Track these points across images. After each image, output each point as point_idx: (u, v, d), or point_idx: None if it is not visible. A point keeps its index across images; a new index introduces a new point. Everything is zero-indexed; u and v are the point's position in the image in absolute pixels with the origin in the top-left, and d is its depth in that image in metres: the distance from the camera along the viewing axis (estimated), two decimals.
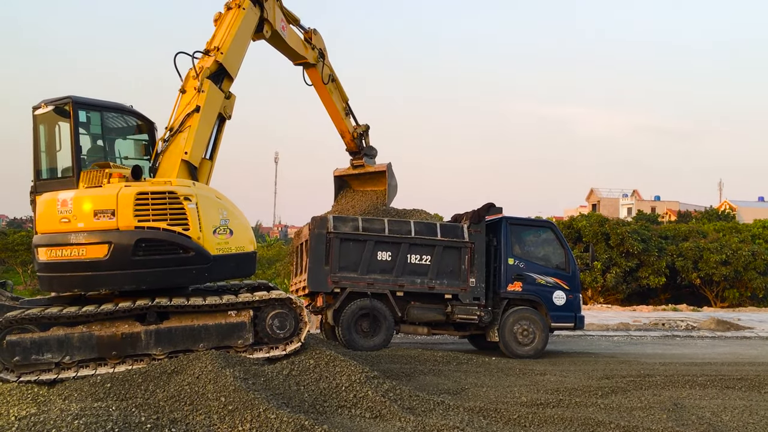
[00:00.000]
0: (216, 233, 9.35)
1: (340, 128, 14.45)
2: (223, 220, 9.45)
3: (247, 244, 9.82)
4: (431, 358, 11.70)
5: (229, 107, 10.77)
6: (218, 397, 7.26)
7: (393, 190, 14.79)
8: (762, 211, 59.57)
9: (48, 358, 8.47)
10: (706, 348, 16.46)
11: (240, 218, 9.83)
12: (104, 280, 8.96)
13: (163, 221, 8.94)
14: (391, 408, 7.68)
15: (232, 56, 10.60)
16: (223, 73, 10.48)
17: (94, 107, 9.88)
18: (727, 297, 33.11)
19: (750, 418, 8.02)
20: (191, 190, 9.26)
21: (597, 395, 9.21)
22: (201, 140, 10.11)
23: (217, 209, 9.48)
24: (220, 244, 9.39)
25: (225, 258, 9.45)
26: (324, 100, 14.00)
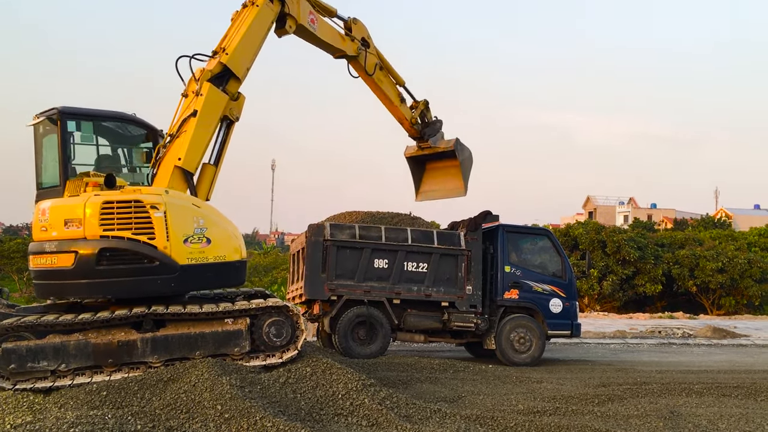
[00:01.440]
0: (188, 242, 9.13)
1: (395, 116, 13.64)
2: (198, 228, 9.22)
3: (229, 253, 9.54)
4: (428, 365, 11.69)
5: (236, 109, 10.46)
6: (215, 405, 7.24)
7: (467, 163, 14.07)
8: (758, 219, 59.72)
9: (44, 366, 8.45)
10: (703, 356, 16.47)
11: (222, 226, 9.58)
12: (71, 289, 9.04)
13: (127, 230, 8.89)
14: (388, 416, 7.67)
15: (239, 56, 10.24)
16: (228, 74, 10.21)
17: (87, 117, 9.92)
18: (723, 305, 33.13)
19: (746, 426, 8.02)
20: (159, 199, 9.06)
21: (594, 403, 9.21)
22: (197, 145, 9.89)
23: (191, 218, 9.24)
24: (192, 254, 9.17)
25: (199, 267, 9.21)
26: (373, 90, 13.21)
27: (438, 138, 13.89)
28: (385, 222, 13.97)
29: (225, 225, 9.68)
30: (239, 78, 10.34)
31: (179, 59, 10.06)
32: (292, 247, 15.33)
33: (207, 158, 10.25)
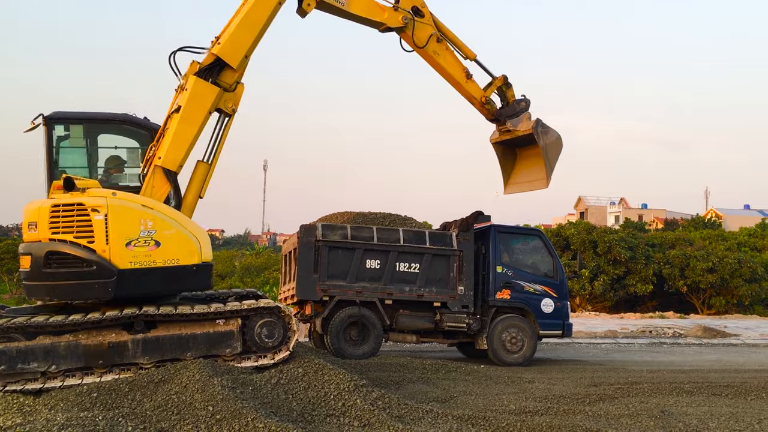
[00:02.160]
0: (131, 245, 8.92)
1: (462, 95, 12.18)
2: (144, 231, 8.97)
3: (184, 257, 9.20)
4: (420, 366, 11.69)
5: (231, 101, 10.04)
6: (206, 407, 7.22)
7: (551, 150, 12.31)
8: (748, 219, 60.04)
9: (34, 368, 8.42)
10: (693, 355, 16.55)
11: (176, 229, 9.21)
12: (29, 291, 9.19)
13: (70, 233, 8.88)
14: (380, 416, 7.67)
15: (232, 45, 9.83)
16: (220, 64, 9.84)
17: (76, 120, 9.93)
18: (713, 304, 33.29)
19: (736, 425, 8.06)
20: (102, 201, 8.91)
21: (585, 403, 9.23)
22: (179, 143, 9.64)
23: (136, 220, 8.98)
24: (136, 257, 8.94)
25: (144, 272, 8.97)
26: (431, 65, 11.95)
27: (519, 120, 12.26)
28: (377, 222, 13.97)
29: (181, 227, 9.29)
30: (234, 67, 9.91)
31: (175, 53, 9.88)
32: (284, 248, 15.31)
33: (202, 155, 10.07)
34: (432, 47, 11.57)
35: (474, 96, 12.17)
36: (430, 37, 11.51)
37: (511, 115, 12.27)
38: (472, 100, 12.24)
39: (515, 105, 12.30)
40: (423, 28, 11.49)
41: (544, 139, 12.14)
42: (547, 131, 12.18)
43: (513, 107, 12.30)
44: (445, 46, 11.77)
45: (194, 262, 9.28)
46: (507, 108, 12.34)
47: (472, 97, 12.20)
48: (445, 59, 11.80)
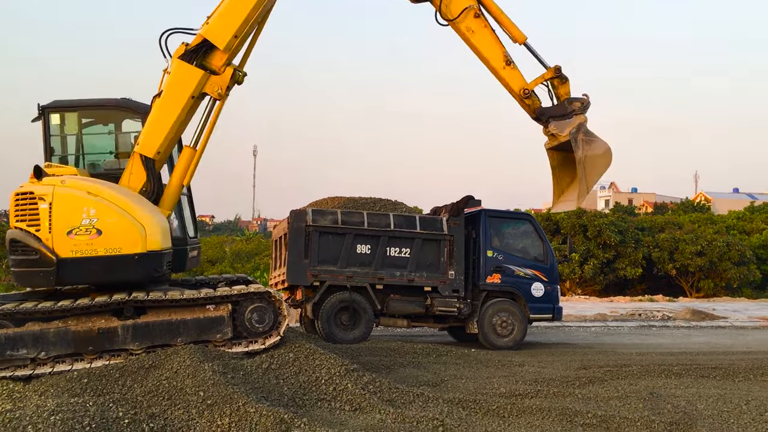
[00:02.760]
0: (72, 234, 8.79)
1: (501, 83, 10.35)
2: (86, 219, 8.78)
3: (126, 246, 8.85)
4: (411, 350, 11.73)
5: (217, 84, 9.40)
6: (197, 392, 7.22)
7: (595, 163, 9.98)
8: (736, 203, 60.38)
9: (23, 354, 8.39)
10: (682, 338, 16.68)
11: (120, 217, 8.87)
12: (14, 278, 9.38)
13: (23, 222, 8.95)
14: (371, 400, 7.70)
15: (220, 24, 9.26)
16: (206, 46, 9.31)
17: (70, 108, 9.92)
18: (702, 287, 33.53)
19: (724, 407, 8.14)
20: (48, 190, 8.86)
21: (574, 385, 9.29)
22: (157, 129, 9.35)
23: (79, 209, 8.81)
24: (78, 246, 8.78)
25: (85, 261, 8.79)
26: (466, 43, 10.31)
27: (566, 123, 10.05)
28: (367, 207, 13.96)
29: (127, 215, 8.93)
30: (221, 48, 9.32)
31: (166, 35, 9.44)
32: (275, 233, 15.28)
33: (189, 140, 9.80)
34: (467, 23, 9.89)
35: (513, 87, 10.20)
36: (465, 11, 9.85)
37: (557, 115, 10.08)
38: (512, 92, 10.27)
39: (566, 104, 10.06)
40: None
41: (585, 149, 9.81)
42: (591, 141, 9.87)
43: (563, 107, 10.07)
44: (484, 24, 10.00)
45: (136, 251, 8.88)
46: (554, 107, 10.17)
47: (510, 87, 10.24)
48: (481, 39, 10.02)
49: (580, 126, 9.98)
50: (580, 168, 9.76)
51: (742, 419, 7.67)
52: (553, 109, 10.21)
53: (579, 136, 9.81)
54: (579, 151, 9.78)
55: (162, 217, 9.27)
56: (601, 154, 9.93)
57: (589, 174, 9.84)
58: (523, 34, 10.14)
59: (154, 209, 9.25)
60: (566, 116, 10.01)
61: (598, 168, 9.94)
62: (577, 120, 9.89)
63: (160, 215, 9.28)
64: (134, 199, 9.13)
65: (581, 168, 9.76)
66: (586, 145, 9.85)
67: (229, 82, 9.57)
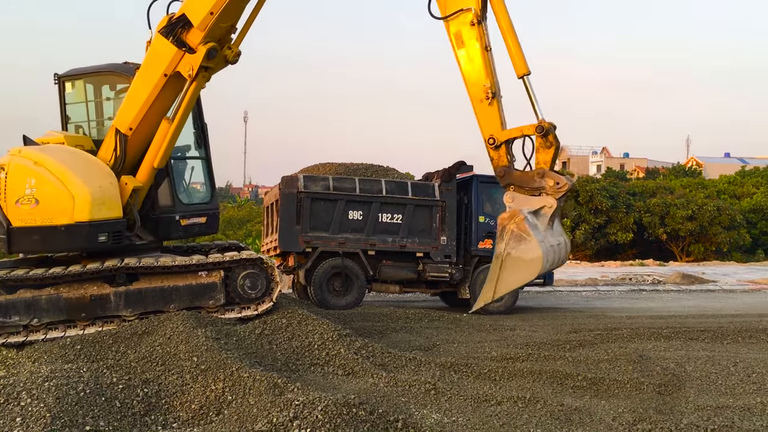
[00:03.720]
0: (19, 203, 8.80)
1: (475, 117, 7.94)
2: (29, 189, 8.75)
3: (56, 216, 8.69)
4: (403, 315, 11.80)
5: (189, 63, 8.65)
6: (190, 357, 7.25)
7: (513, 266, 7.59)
8: (728, 167, 60.50)
9: (15, 321, 8.41)
10: (672, 301, 16.83)
11: (54, 187, 8.71)
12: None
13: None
14: (364, 365, 7.76)
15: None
16: (185, 21, 8.60)
17: (78, 75, 9.96)
18: (692, 252, 33.79)
19: (712, 368, 8.24)
20: (6, 160, 8.98)
21: (565, 349, 9.39)
22: (131, 104, 9.03)
23: (24, 179, 8.79)
24: (22, 216, 8.81)
25: (26, 230, 8.82)
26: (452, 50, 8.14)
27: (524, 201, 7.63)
28: (359, 173, 13.92)
29: (61, 185, 8.72)
30: (195, 25, 8.56)
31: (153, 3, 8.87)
32: (266, 200, 15.25)
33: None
34: (458, 28, 7.69)
35: (482, 128, 7.90)
36: (461, 12, 7.65)
37: (521, 186, 7.57)
38: (481, 133, 7.96)
39: (536, 177, 7.52)
40: None
41: (510, 246, 7.32)
42: (522, 239, 7.24)
43: (531, 178, 7.56)
44: (478, 36, 7.71)
45: (63, 223, 8.71)
46: (522, 174, 7.65)
47: (480, 127, 7.96)
48: (467, 55, 7.78)
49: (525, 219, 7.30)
50: (496, 264, 7.43)
51: (729, 380, 7.77)
52: (521, 177, 7.62)
53: (511, 225, 7.22)
54: (502, 244, 7.39)
55: (101, 188, 8.87)
56: (526, 261, 7.26)
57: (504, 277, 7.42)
58: (527, 66, 7.68)
59: (92, 179, 8.88)
60: (532, 190, 7.41)
61: (518, 275, 7.38)
62: (542, 202, 7.29)
63: (101, 186, 8.88)
64: (73, 169, 8.84)
65: (497, 264, 7.42)
66: (514, 240, 7.23)
67: (213, 63, 8.82)
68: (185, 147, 10.36)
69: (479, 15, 7.66)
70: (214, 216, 10.57)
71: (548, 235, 7.07)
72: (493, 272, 7.21)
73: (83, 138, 9.64)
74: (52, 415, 5.69)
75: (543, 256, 6.82)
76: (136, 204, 9.31)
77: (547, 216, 7.17)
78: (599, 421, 6.24)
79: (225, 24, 8.68)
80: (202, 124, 10.36)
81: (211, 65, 8.86)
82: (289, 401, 5.76)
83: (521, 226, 7.12)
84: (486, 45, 7.76)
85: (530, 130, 7.66)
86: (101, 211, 8.83)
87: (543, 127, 7.53)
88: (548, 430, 6.00)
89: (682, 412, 6.53)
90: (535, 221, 7.12)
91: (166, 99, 9.01)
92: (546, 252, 6.89)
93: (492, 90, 7.80)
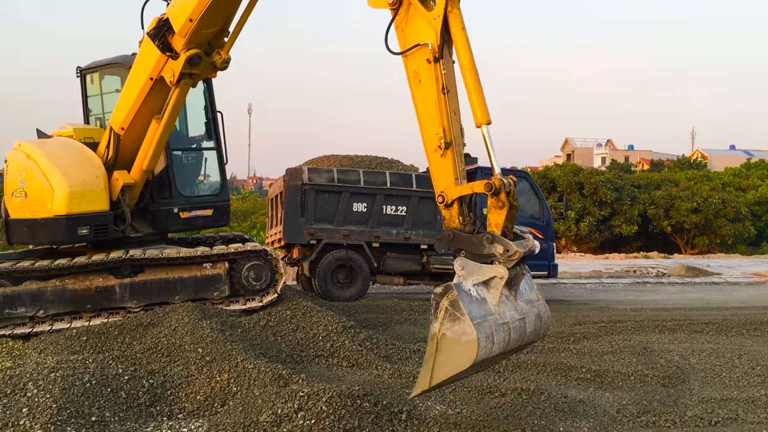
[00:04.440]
0: (14, 196, 8.96)
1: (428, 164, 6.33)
2: (21, 182, 8.87)
3: (40, 210, 8.73)
4: (407, 307, 11.82)
5: (171, 69, 8.21)
6: (195, 349, 7.28)
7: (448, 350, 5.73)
8: (733, 159, 60.36)
9: (22, 312, 8.44)
10: (676, 294, 16.82)
11: (38, 180, 8.72)
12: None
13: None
14: (368, 356, 7.77)
15: (178, 3, 7.99)
16: (168, 26, 8.11)
17: (96, 68, 10.09)
18: (697, 244, 33.71)
19: (717, 361, 8.24)
20: (8, 153, 9.19)
21: (569, 341, 9.39)
22: (123, 104, 8.87)
23: (18, 172, 8.94)
24: (15, 208, 8.96)
25: (19, 222, 8.95)
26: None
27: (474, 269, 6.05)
28: (363, 165, 13.91)
29: (44, 178, 8.72)
30: (176, 31, 8.03)
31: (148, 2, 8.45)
32: (271, 192, 15.25)
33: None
34: (416, 65, 6.14)
35: (433, 181, 6.36)
36: (417, 48, 6.06)
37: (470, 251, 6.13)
38: (434, 185, 6.38)
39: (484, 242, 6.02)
40: (414, 22, 6.07)
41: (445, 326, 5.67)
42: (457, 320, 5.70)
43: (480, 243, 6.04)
44: (436, 77, 6.06)
45: (42, 216, 8.76)
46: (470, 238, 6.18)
47: (432, 180, 6.38)
48: (423, 97, 6.22)
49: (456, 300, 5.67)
50: (432, 346, 5.69)
51: (734, 373, 7.77)
52: (470, 241, 6.22)
53: (444, 302, 5.72)
54: (436, 324, 5.75)
55: (84, 181, 8.79)
56: (461, 344, 5.63)
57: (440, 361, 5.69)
58: (487, 115, 5.99)
59: (76, 173, 8.81)
60: (483, 259, 6.02)
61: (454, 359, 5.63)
62: (492, 272, 5.91)
63: (84, 179, 8.80)
64: (57, 163, 8.80)
65: (433, 346, 5.69)
66: (449, 320, 5.68)
67: (198, 69, 8.32)
68: (193, 137, 10.32)
69: (437, 51, 6.04)
70: (223, 208, 10.29)
71: (505, 309, 5.76)
72: (429, 355, 5.63)
73: (94, 130, 9.63)
74: (59, 406, 5.71)
75: (479, 339, 5.38)
76: (126, 199, 9.17)
77: (498, 288, 5.80)
78: (603, 413, 6.25)
79: (207, 30, 8.04)
80: (213, 113, 10.19)
81: (196, 72, 8.36)
82: (294, 392, 5.78)
83: (455, 304, 5.68)
84: (443, 86, 6.10)
85: (480, 187, 6.07)
86: (80, 205, 8.77)
87: (493, 185, 5.92)
88: (552, 422, 6.00)
89: (687, 405, 6.54)
90: (483, 294, 5.79)
91: (155, 102, 8.69)
92: (489, 334, 5.48)
93: (446, 140, 6.19)
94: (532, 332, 6.10)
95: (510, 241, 5.93)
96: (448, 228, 6.31)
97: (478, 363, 5.51)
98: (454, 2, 5.83)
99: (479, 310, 5.66)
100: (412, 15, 6.08)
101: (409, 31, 6.13)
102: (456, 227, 6.33)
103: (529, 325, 6.04)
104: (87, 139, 9.32)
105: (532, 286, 6.31)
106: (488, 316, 5.66)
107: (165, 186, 9.68)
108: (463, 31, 5.85)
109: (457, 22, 5.82)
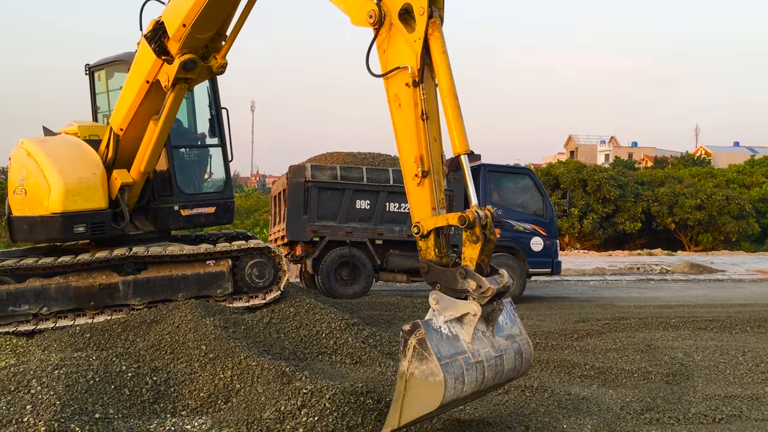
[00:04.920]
0: (15, 194, 9.01)
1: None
2: (21, 180, 8.94)
3: (37, 207, 8.75)
4: (410, 304, 11.82)
5: (166, 74, 8.08)
6: (199, 346, 7.28)
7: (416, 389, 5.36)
8: (737, 156, 60.19)
9: (25, 310, 8.45)
10: (680, 291, 16.79)
11: (36, 178, 8.74)
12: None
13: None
14: (371, 354, 7.77)
15: (173, 8, 7.81)
16: (163, 29, 7.99)
17: (103, 66, 10.11)
18: (700, 241, 33.66)
19: (721, 358, 8.23)
20: (13, 152, 9.21)
21: (573, 338, 9.38)
22: (122, 106, 8.81)
23: (19, 170, 9.01)
24: (17, 206, 9.04)
25: (21, 220, 9.00)
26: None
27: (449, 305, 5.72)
28: (366, 162, 13.89)
29: (42, 176, 8.74)
30: (170, 35, 7.91)
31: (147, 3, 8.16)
32: (274, 189, 15.26)
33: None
34: (397, 88, 5.88)
35: (411, 210, 6.29)
36: (397, 71, 5.80)
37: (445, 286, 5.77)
38: (411, 215, 6.33)
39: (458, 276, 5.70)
40: (396, 44, 5.80)
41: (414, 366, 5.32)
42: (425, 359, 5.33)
43: (454, 278, 5.72)
44: (416, 102, 5.79)
45: (40, 214, 8.78)
46: (445, 272, 5.88)
47: (410, 208, 6.33)
48: (402, 122, 5.96)
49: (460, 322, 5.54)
50: (401, 384, 5.41)
51: (738, 370, 7.75)
52: (443, 274, 5.91)
53: (412, 340, 5.32)
54: (404, 362, 5.42)
55: (80, 179, 8.77)
56: (428, 384, 5.27)
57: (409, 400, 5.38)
58: (465, 143, 5.80)
59: (73, 171, 8.79)
60: (456, 294, 5.70)
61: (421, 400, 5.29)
62: (465, 308, 5.60)
63: (80, 177, 8.79)
64: (54, 161, 8.80)
65: (401, 385, 5.40)
66: (416, 359, 5.33)
67: (193, 74, 8.15)
68: (197, 134, 10.31)
69: (417, 75, 5.74)
70: (226, 205, 10.20)
71: (479, 346, 5.44)
72: (398, 393, 5.42)
73: (100, 128, 9.61)
74: (62, 403, 5.72)
75: (446, 380, 5.08)
76: (126, 198, 9.15)
77: (472, 324, 5.48)
78: (607, 410, 6.24)
79: (202, 35, 7.82)
80: (218, 110, 10.12)
81: (191, 77, 8.18)
82: (297, 389, 5.78)
83: (422, 343, 5.34)
84: (422, 112, 5.82)
85: (453, 219, 5.88)
86: (76, 202, 8.76)
87: (466, 218, 5.68)
88: (556, 419, 6.00)
89: (690, 402, 6.52)
90: (456, 331, 5.47)
91: (153, 103, 8.59)
92: (458, 374, 5.20)
93: (423, 168, 6.03)
94: (511, 369, 5.73)
95: (484, 276, 5.60)
96: (424, 259, 6.10)
97: (448, 404, 5.19)
98: (435, 24, 5.57)
99: (449, 349, 5.31)
100: (394, 36, 5.80)
101: (391, 53, 5.86)
102: (431, 259, 6.06)
103: (507, 362, 5.66)
104: (92, 137, 9.33)
105: (514, 320, 6.03)
106: (459, 355, 5.32)
107: (166, 183, 9.66)
108: (444, 55, 5.59)
109: (438, 45, 5.55)
